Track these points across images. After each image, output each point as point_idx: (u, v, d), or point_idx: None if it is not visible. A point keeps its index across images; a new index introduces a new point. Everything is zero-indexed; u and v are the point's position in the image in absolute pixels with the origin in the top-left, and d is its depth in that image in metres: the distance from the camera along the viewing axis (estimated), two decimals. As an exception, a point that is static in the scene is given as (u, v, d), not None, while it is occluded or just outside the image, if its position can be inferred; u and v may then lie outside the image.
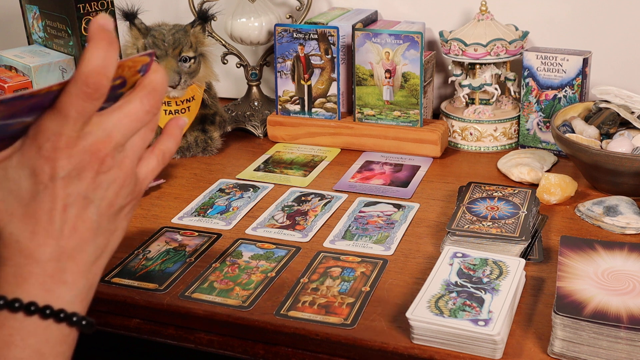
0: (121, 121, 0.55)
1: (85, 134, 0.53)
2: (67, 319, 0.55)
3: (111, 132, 0.55)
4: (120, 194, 0.57)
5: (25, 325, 0.54)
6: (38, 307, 0.54)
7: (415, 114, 1.25)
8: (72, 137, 0.53)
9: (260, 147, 1.34)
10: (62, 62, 1.19)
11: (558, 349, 0.74)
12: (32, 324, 0.54)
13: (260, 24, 1.36)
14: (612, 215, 1.00)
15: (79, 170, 0.54)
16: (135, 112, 0.56)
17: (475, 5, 1.32)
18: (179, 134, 0.64)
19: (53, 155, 0.53)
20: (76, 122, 0.52)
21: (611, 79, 1.29)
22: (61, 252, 0.55)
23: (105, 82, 0.52)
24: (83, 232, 0.55)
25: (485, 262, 0.85)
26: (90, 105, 0.52)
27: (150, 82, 0.57)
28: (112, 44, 0.52)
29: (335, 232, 1.01)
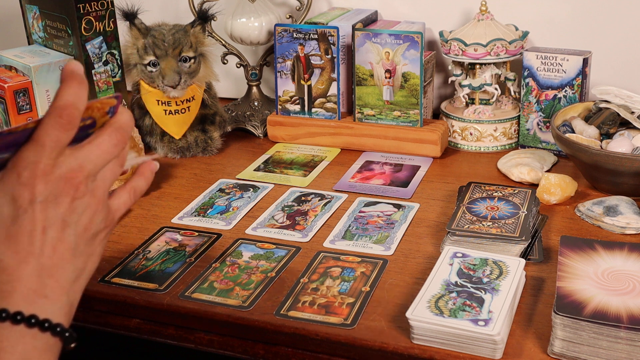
0: (92, 152, 0.61)
1: (60, 162, 0.59)
2: (52, 328, 0.58)
3: (83, 161, 0.60)
4: (94, 219, 0.62)
5: (13, 333, 0.57)
6: (24, 316, 0.57)
7: (415, 114, 1.25)
8: (49, 165, 0.58)
9: (260, 147, 1.34)
10: (62, 62, 1.19)
11: (558, 349, 0.74)
12: (20, 331, 0.57)
13: (260, 24, 1.36)
14: (612, 215, 1.00)
15: (55, 195, 0.59)
16: (105, 145, 0.62)
17: (475, 5, 1.32)
18: (150, 176, 0.71)
19: (31, 181, 0.58)
20: (52, 151, 0.58)
21: (611, 79, 1.29)
22: (42, 269, 0.58)
23: (76, 114, 0.59)
24: (62, 252, 0.59)
25: (485, 262, 0.85)
26: (64, 135, 0.58)
27: (117, 121, 0.63)
28: (82, 83, 0.60)
29: (335, 232, 1.01)
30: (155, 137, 1.29)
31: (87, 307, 0.89)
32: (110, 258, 0.96)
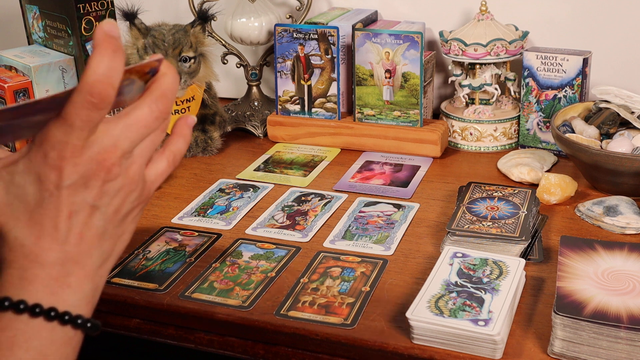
0: (129, 129, 0.55)
1: (91, 142, 0.53)
2: (72, 321, 0.55)
3: (118, 140, 0.54)
4: (127, 200, 0.56)
5: (29, 327, 0.53)
6: (43, 309, 0.53)
7: (415, 114, 1.25)
8: (78, 146, 0.52)
9: (260, 147, 1.34)
10: (62, 62, 1.19)
11: (558, 349, 0.74)
12: (37, 325, 0.54)
13: (260, 24, 1.36)
14: (612, 215, 1.00)
15: (85, 179, 0.53)
16: (144, 119, 0.55)
17: (475, 5, 1.32)
18: (188, 134, 0.62)
19: (59, 163, 0.52)
20: (81, 131, 0.52)
21: (611, 79, 1.29)
22: (66, 257, 0.55)
23: (110, 92, 0.52)
24: (89, 238, 0.55)
25: (485, 262, 0.85)
26: (96, 115, 0.52)
27: (159, 87, 0.56)
28: (118, 51, 0.52)
29: (335, 232, 1.01)
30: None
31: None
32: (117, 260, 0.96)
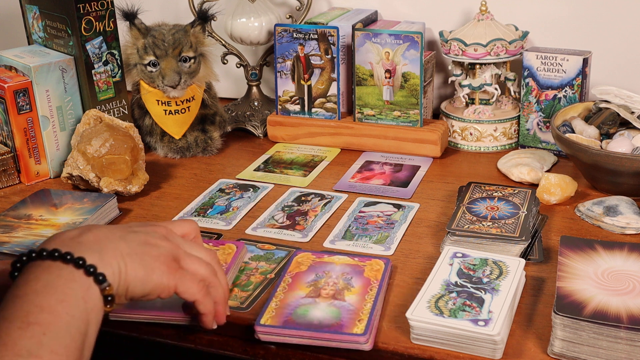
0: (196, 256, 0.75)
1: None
2: (95, 275, 0.65)
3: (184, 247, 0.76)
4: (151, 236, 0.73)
5: (44, 266, 0.64)
6: (62, 252, 0.65)
7: (415, 114, 1.25)
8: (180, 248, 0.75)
9: (260, 147, 1.34)
10: (62, 62, 1.19)
11: (558, 349, 0.74)
12: (69, 271, 0.64)
13: (260, 24, 1.36)
14: (612, 215, 1.00)
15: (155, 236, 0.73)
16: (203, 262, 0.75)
17: (475, 5, 1.32)
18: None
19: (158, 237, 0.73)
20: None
21: (611, 79, 1.29)
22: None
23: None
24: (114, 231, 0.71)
25: (485, 262, 0.85)
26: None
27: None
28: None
29: (335, 232, 1.01)
30: (155, 137, 1.29)
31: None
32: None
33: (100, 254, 0.67)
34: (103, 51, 1.22)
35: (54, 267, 0.64)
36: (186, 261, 0.73)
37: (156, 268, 0.69)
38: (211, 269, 0.75)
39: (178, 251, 0.73)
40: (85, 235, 0.68)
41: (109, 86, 1.24)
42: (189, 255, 0.74)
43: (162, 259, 0.70)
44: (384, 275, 0.85)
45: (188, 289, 0.72)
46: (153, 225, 0.75)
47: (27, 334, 0.59)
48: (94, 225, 0.71)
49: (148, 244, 0.71)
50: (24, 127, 1.18)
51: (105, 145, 1.12)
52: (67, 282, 0.64)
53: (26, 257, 0.66)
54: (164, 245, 0.72)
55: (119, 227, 0.72)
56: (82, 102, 1.24)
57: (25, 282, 0.63)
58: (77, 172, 1.13)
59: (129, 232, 0.71)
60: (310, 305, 0.80)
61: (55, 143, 1.21)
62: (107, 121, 1.18)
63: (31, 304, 0.61)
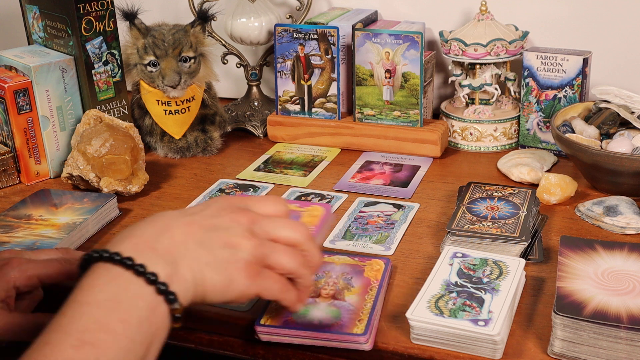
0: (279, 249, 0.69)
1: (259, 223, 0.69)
2: (166, 293, 0.60)
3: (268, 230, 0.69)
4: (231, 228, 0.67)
5: (113, 274, 0.60)
6: (135, 262, 0.60)
7: (415, 114, 1.25)
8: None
9: (260, 147, 1.34)
10: (62, 62, 1.19)
11: (558, 349, 0.74)
12: (119, 274, 0.60)
13: (260, 24, 1.36)
14: (612, 215, 1.00)
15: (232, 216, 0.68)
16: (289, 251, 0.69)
17: (475, 5, 1.32)
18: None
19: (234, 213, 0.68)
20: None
21: (611, 79, 1.29)
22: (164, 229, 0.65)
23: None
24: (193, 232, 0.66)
25: (485, 262, 0.85)
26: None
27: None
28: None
29: (335, 232, 1.01)
30: (155, 137, 1.29)
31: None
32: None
33: (174, 266, 0.61)
34: (103, 51, 1.22)
35: (123, 278, 0.59)
36: (272, 257, 0.67)
37: (236, 276, 0.64)
38: (300, 258, 0.68)
39: (263, 248, 0.66)
40: (162, 240, 0.63)
41: (109, 86, 1.24)
42: (274, 249, 0.67)
43: (242, 264, 0.65)
44: (384, 275, 0.85)
45: (270, 291, 0.67)
46: (236, 209, 0.68)
47: (78, 356, 0.54)
48: (173, 221, 0.65)
49: (229, 246, 0.65)
50: (24, 127, 1.18)
51: (105, 145, 1.12)
52: (134, 298, 0.59)
53: (98, 255, 0.61)
54: (246, 246, 0.65)
55: (197, 222, 0.66)
56: (82, 102, 1.24)
57: (90, 287, 0.59)
58: (77, 172, 1.13)
59: (209, 230, 0.65)
60: (310, 305, 0.80)
61: (55, 143, 1.21)
62: (107, 121, 1.18)
63: (90, 319, 0.56)
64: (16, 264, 0.80)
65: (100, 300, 0.58)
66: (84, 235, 1.02)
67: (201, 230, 0.65)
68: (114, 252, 0.60)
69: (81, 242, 1.01)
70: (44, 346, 0.55)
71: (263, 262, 0.67)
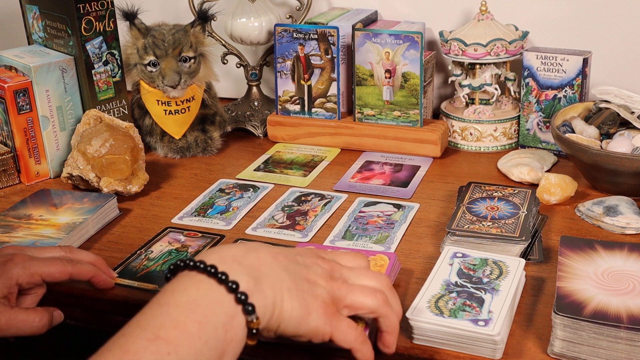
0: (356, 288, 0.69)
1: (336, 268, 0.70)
2: (245, 304, 0.60)
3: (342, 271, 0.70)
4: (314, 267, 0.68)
5: (195, 280, 0.61)
6: (218, 270, 0.61)
7: (415, 114, 1.25)
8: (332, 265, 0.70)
9: (260, 147, 1.34)
10: (62, 62, 1.19)
11: (558, 349, 0.74)
12: (201, 280, 0.61)
13: (260, 24, 1.36)
14: (612, 215, 1.00)
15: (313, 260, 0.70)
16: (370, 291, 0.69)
17: (475, 5, 1.32)
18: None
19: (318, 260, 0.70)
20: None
21: (611, 79, 1.29)
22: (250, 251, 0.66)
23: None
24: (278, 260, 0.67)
25: (485, 262, 0.85)
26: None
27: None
28: None
29: (335, 232, 1.01)
30: (155, 137, 1.29)
31: (88, 307, 0.89)
32: (110, 258, 0.96)
33: (257, 281, 0.62)
34: (103, 51, 1.22)
35: (204, 284, 0.61)
36: (350, 296, 0.67)
37: (313, 310, 0.64)
38: (382, 297, 0.68)
39: (341, 291, 0.67)
40: (248, 257, 0.64)
41: (109, 86, 1.24)
42: (353, 290, 0.68)
43: (320, 300, 0.65)
44: (388, 271, 0.85)
45: (345, 336, 0.66)
46: (319, 257, 0.70)
47: (151, 348, 0.56)
48: (262, 246, 0.67)
49: (310, 281, 0.66)
50: (24, 127, 1.18)
51: (105, 145, 1.12)
52: (213, 303, 0.60)
53: (184, 264, 0.63)
54: (325, 287, 0.66)
55: (283, 253, 0.68)
56: (82, 102, 1.24)
57: (172, 291, 0.61)
58: (77, 172, 1.13)
59: (293, 263, 0.67)
60: None
61: (55, 143, 1.21)
62: (107, 121, 1.18)
63: (167, 317, 0.58)
64: (19, 261, 0.80)
65: (180, 302, 0.59)
66: (84, 235, 1.02)
67: (286, 260, 0.67)
68: (199, 261, 0.62)
69: (81, 242, 1.01)
70: (119, 337, 0.57)
71: (341, 304, 0.67)
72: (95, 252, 0.96)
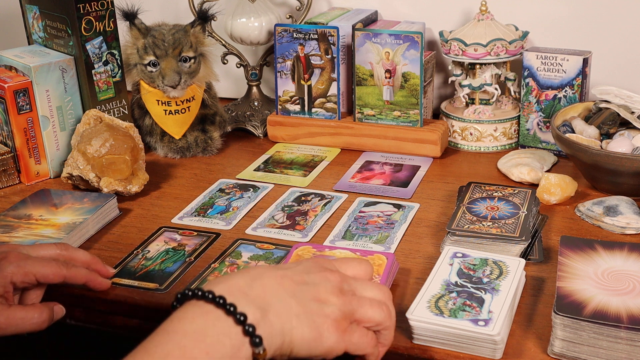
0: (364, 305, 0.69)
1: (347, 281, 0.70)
2: (252, 336, 0.60)
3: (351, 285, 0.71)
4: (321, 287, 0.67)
5: (203, 310, 0.61)
6: (227, 301, 0.61)
7: (415, 114, 1.25)
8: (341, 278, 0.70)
9: (260, 147, 1.34)
10: (62, 62, 1.19)
11: (558, 349, 0.74)
12: (209, 311, 0.61)
13: (260, 24, 1.36)
14: (612, 215, 1.00)
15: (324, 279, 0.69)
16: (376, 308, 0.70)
17: (475, 5, 1.32)
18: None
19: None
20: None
21: (611, 79, 1.29)
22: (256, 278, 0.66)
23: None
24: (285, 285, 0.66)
25: (485, 262, 0.85)
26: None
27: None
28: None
29: (335, 232, 1.01)
30: (155, 137, 1.29)
31: (87, 308, 0.89)
32: (110, 258, 0.96)
33: (264, 312, 0.62)
34: (103, 51, 1.22)
35: (212, 314, 0.61)
36: (361, 311, 0.68)
37: (325, 330, 0.65)
38: (387, 310, 0.69)
39: (351, 305, 0.67)
40: (254, 287, 0.64)
41: (109, 86, 1.24)
42: (362, 304, 0.68)
43: (331, 319, 0.65)
44: (387, 271, 0.85)
45: (359, 345, 0.67)
46: (326, 269, 0.70)
47: None
48: (267, 272, 0.67)
49: (319, 300, 0.66)
50: (24, 127, 1.18)
51: (105, 145, 1.12)
52: (221, 335, 0.60)
53: (192, 293, 0.63)
54: (336, 303, 0.66)
55: (289, 275, 0.67)
56: (82, 102, 1.24)
57: (179, 319, 0.61)
58: (77, 172, 1.13)
59: (300, 284, 0.66)
60: None
61: (55, 143, 1.21)
62: (107, 121, 1.18)
63: (175, 345, 0.58)
64: (14, 259, 0.80)
65: (188, 331, 0.59)
66: (84, 235, 1.02)
67: (293, 283, 0.66)
68: (207, 291, 0.62)
69: (81, 242, 1.01)
70: None
71: (351, 318, 0.67)
72: (95, 252, 0.96)
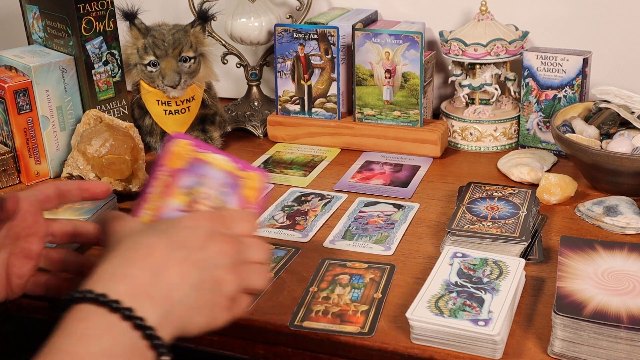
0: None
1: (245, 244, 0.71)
2: (144, 328, 0.58)
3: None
4: (228, 278, 0.67)
5: (105, 322, 0.57)
6: (122, 306, 0.57)
7: (415, 114, 1.25)
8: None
9: (260, 147, 1.34)
10: (62, 62, 1.19)
11: (558, 349, 0.74)
12: (112, 322, 0.57)
13: (260, 24, 1.36)
14: (612, 215, 1.00)
15: (221, 246, 0.68)
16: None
17: (475, 5, 1.32)
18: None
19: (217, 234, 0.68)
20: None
21: (611, 79, 1.29)
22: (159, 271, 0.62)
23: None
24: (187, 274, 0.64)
25: (485, 262, 0.85)
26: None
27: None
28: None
29: (335, 232, 1.01)
30: (155, 137, 1.29)
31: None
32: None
33: (168, 315, 0.61)
34: (103, 51, 1.22)
35: (117, 328, 0.57)
36: (250, 282, 0.69)
37: (219, 313, 0.66)
38: (268, 274, 0.72)
39: (243, 279, 0.68)
40: (159, 286, 0.61)
41: (109, 86, 1.24)
42: (252, 273, 0.69)
43: (225, 298, 0.66)
44: (261, 197, 0.77)
45: (243, 312, 0.69)
46: (220, 241, 0.67)
47: None
48: (168, 259, 0.63)
49: (217, 282, 0.65)
50: (24, 127, 1.18)
51: (105, 145, 1.12)
52: (130, 354, 0.57)
53: (81, 296, 0.58)
54: (232, 281, 0.66)
55: (189, 258, 0.64)
56: (82, 102, 1.24)
57: (80, 337, 0.56)
58: (77, 172, 1.13)
59: (200, 270, 0.64)
60: None
61: (55, 143, 1.21)
62: (107, 121, 1.18)
63: (64, 353, 0.55)
64: None
65: (92, 353, 0.55)
66: (84, 235, 1.01)
67: (193, 269, 0.64)
68: (113, 300, 0.58)
69: (81, 242, 1.01)
70: None
71: (243, 290, 0.69)
72: (94, 253, 0.96)
